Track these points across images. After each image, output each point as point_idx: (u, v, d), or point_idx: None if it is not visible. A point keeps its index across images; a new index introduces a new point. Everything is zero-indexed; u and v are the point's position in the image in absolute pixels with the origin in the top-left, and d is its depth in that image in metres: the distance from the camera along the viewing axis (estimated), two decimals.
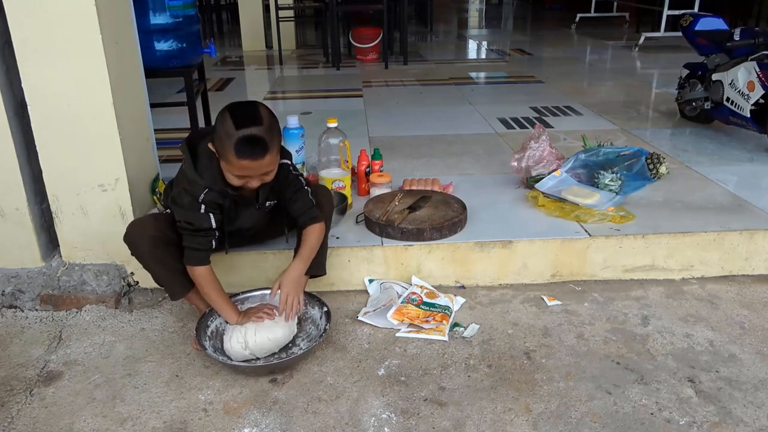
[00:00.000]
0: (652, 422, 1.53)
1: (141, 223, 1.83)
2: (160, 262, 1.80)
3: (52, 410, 1.62)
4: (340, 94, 4.81)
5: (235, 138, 1.57)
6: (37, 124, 1.92)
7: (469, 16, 12.44)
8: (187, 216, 1.72)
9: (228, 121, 1.59)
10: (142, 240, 1.78)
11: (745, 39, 3.04)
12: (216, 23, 10.01)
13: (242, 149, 1.58)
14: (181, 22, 2.90)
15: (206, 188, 1.70)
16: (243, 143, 1.58)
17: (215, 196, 1.73)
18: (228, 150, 1.59)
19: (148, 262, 1.82)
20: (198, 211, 1.72)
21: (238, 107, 1.65)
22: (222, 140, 1.60)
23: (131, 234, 1.80)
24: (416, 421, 1.55)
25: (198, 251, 1.75)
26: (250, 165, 1.62)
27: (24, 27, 1.82)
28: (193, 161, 1.71)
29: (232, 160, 1.60)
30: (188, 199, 1.71)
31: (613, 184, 2.41)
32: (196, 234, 1.73)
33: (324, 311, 1.86)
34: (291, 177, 1.85)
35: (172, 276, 1.83)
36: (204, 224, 1.73)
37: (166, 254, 1.79)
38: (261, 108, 1.66)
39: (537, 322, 1.97)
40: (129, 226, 1.82)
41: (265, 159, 1.62)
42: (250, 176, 1.67)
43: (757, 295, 2.11)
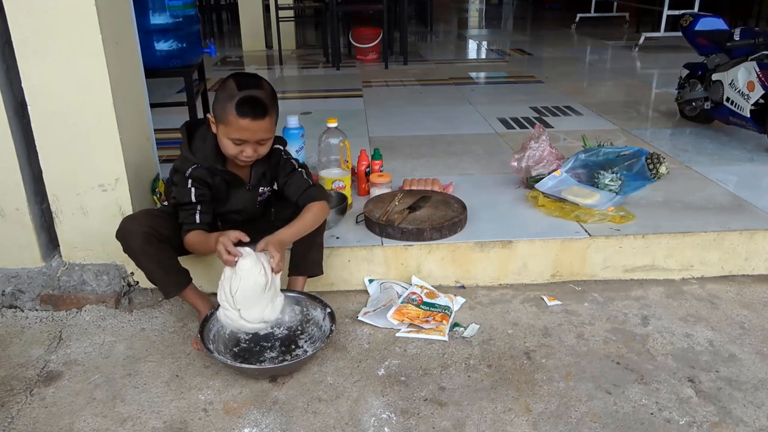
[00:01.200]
0: (652, 422, 1.53)
1: (133, 220, 1.83)
2: (152, 259, 1.80)
3: (52, 410, 1.62)
4: (340, 94, 4.81)
5: (238, 97, 1.65)
6: (37, 124, 1.92)
7: (469, 16, 12.44)
8: (176, 191, 1.80)
9: (231, 84, 1.69)
10: (134, 236, 1.77)
11: (745, 39, 3.04)
12: (216, 23, 10.01)
13: (243, 107, 1.65)
14: (181, 22, 2.91)
15: (195, 164, 1.76)
16: (244, 102, 1.65)
17: (203, 172, 1.78)
18: (228, 110, 1.66)
19: (140, 259, 1.81)
20: (185, 186, 1.77)
21: (241, 74, 1.74)
22: (223, 102, 1.68)
23: (123, 230, 1.80)
24: (416, 421, 1.55)
25: (186, 224, 1.79)
26: (249, 125, 1.67)
27: (24, 27, 1.82)
28: (189, 142, 1.80)
29: (231, 120, 1.66)
30: (178, 176, 1.79)
31: (613, 184, 2.41)
32: (181, 208, 1.79)
33: (327, 312, 1.85)
34: (283, 160, 1.89)
35: (165, 273, 1.83)
36: (185, 198, 1.77)
37: (158, 251, 1.79)
38: (263, 80, 1.76)
39: (537, 322, 1.97)
40: (121, 222, 1.82)
41: (263, 121, 1.69)
42: (246, 140, 1.70)
43: (757, 295, 2.11)
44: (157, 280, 1.86)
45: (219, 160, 1.80)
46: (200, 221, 1.79)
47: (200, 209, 1.79)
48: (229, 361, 1.71)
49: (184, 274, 1.89)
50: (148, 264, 1.82)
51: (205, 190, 1.80)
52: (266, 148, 1.78)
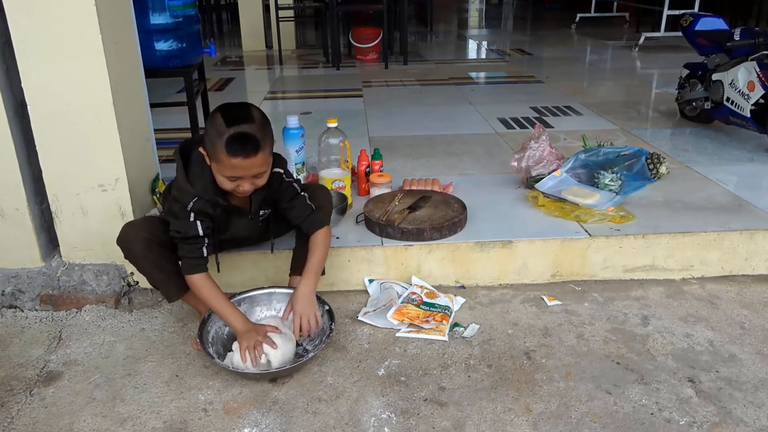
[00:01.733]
0: (652, 422, 1.53)
1: (134, 226, 1.82)
2: (154, 265, 1.79)
3: (52, 410, 1.62)
4: (340, 94, 4.81)
5: (226, 135, 1.56)
6: (37, 124, 1.92)
7: (469, 16, 12.44)
8: (177, 225, 1.72)
9: (219, 120, 1.59)
10: (135, 243, 1.76)
11: (745, 39, 3.04)
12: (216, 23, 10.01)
13: (233, 146, 1.56)
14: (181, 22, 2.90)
15: (195, 197, 1.69)
16: (234, 140, 1.56)
17: (205, 205, 1.71)
18: (219, 149, 1.58)
19: (142, 265, 1.81)
20: (186, 219, 1.70)
21: (228, 106, 1.65)
22: (213, 140, 1.59)
23: (124, 237, 1.79)
24: (416, 421, 1.55)
25: (191, 259, 1.73)
26: (242, 164, 1.59)
27: (24, 27, 1.82)
28: (185, 169, 1.71)
29: (223, 159, 1.58)
30: (178, 208, 1.71)
31: (613, 184, 2.41)
32: (185, 242, 1.72)
33: (326, 309, 1.85)
34: (284, 185, 1.83)
35: (167, 278, 1.82)
36: (191, 232, 1.71)
37: (159, 256, 1.78)
38: (252, 108, 1.66)
39: (537, 322, 1.97)
40: (122, 229, 1.81)
41: (257, 157, 1.61)
42: (242, 177, 1.64)
43: (757, 295, 2.11)
44: (159, 284, 1.85)
45: (219, 191, 1.72)
46: (206, 254, 1.76)
47: (206, 242, 1.75)
48: (231, 367, 1.70)
49: None
50: (150, 269, 1.81)
51: (209, 222, 1.75)
52: (264, 179, 1.70)
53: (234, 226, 1.87)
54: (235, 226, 1.87)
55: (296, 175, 2.52)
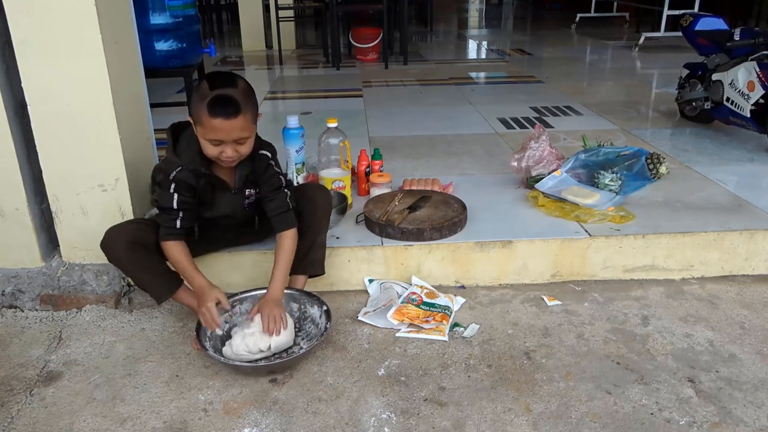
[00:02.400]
0: (652, 422, 1.53)
1: (116, 230, 1.83)
2: (138, 266, 1.81)
3: (52, 410, 1.62)
4: (340, 94, 4.81)
5: (209, 97, 1.62)
6: (37, 124, 1.92)
7: (469, 16, 12.44)
8: (158, 194, 1.78)
9: (203, 84, 1.66)
10: (117, 246, 1.79)
11: (745, 39, 3.04)
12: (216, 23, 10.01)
13: (215, 107, 1.62)
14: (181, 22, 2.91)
15: (180, 167, 1.74)
16: (216, 101, 1.62)
17: (188, 175, 1.75)
18: (201, 111, 1.63)
19: (127, 267, 1.84)
20: (167, 190, 1.75)
21: (215, 73, 1.73)
22: (196, 103, 1.65)
23: (106, 241, 1.81)
24: (416, 421, 1.55)
25: (165, 228, 1.79)
26: (222, 125, 1.64)
27: (24, 27, 1.82)
28: (174, 144, 1.78)
29: (205, 121, 1.64)
30: (161, 177, 1.76)
31: (613, 184, 2.41)
32: (162, 212, 1.78)
33: (324, 310, 1.86)
34: (270, 172, 1.85)
35: (153, 279, 1.84)
36: (166, 204, 1.76)
37: (144, 258, 1.80)
38: (238, 77, 1.72)
39: (537, 322, 1.97)
40: (105, 233, 1.82)
41: (237, 120, 1.65)
42: (224, 141, 1.67)
43: (757, 295, 2.11)
44: (146, 286, 1.87)
45: (204, 163, 1.77)
46: (180, 227, 1.78)
47: (182, 216, 1.78)
48: (222, 359, 1.71)
49: (174, 276, 1.87)
50: (134, 271, 1.83)
51: (188, 197, 1.77)
52: (247, 147, 1.73)
53: (219, 202, 1.88)
54: (220, 202, 1.88)
55: (296, 175, 2.53)
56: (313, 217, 1.96)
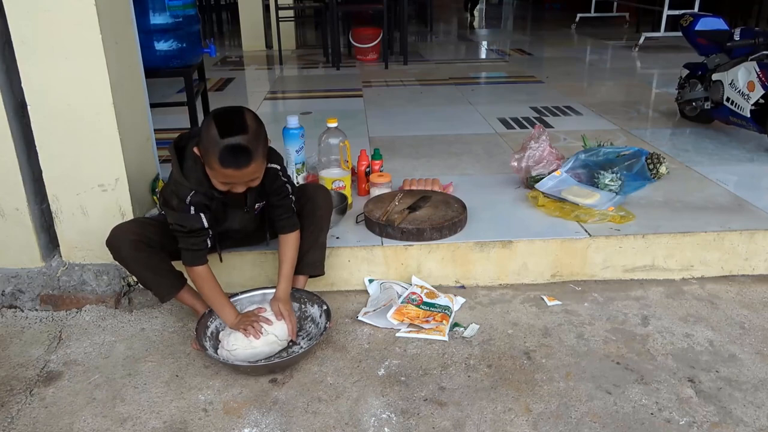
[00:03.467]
0: (652, 422, 1.53)
1: (122, 228, 1.83)
2: (143, 265, 1.81)
3: (52, 410, 1.62)
4: (340, 94, 4.81)
5: (220, 146, 1.55)
6: (37, 124, 1.92)
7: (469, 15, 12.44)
8: (178, 218, 1.72)
9: (213, 129, 1.57)
10: (123, 244, 1.79)
11: (745, 39, 3.04)
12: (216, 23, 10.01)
13: (226, 158, 1.56)
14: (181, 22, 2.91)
15: (192, 190, 1.69)
16: (227, 152, 1.56)
17: (202, 197, 1.71)
18: (212, 158, 1.57)
19: (131, 266, 1.83)
20: (188, 212, 1.71)
21: (223, 114, 1.62)
22: (206, 148, 1.59)
23: (112, 239, 1.81)
24: (416, 421, 1.55)
25: (194, 251, 1.75)
26: (234, 174, 1.60)
27: (24, 27, 1.82)
28: (180, 163, 1.70)
29: (216, 167, 1.59)
30: (176, 201, 1.70)
31: (613, 184, 2.41)
32: (190, 235, 1.73)
33: (324, 309, 1.86)
34: (278, 183, 1.83)
35: (158, 278, 1.84)
36: (196, 225, 1.72)
37: (149, 257, 1.80)
38: (247, 115, 1.63)
39: (537, 322, 1.97)
40: (111, 231, 1.82)
41: (249, 168, 1.60)
42: (235, 183, 1.65)
43: (757, 295, 2.11)
44: (150, 285, 1.87)
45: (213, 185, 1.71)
46: (209, 245, 1.78)
47: (209, 234, 1.77)
48: (221, 359, 1.71)
49: (178, 277, 1.88)
50: (139, 270, 1.83)
51: (209, 214, 1.76)
52: (257, 182, 1.70)
53: (230, 219, 1.88)
54: (231, 219, 1.88)
55: (296, 175, 2.53)
56: (313, 217, 1.96)
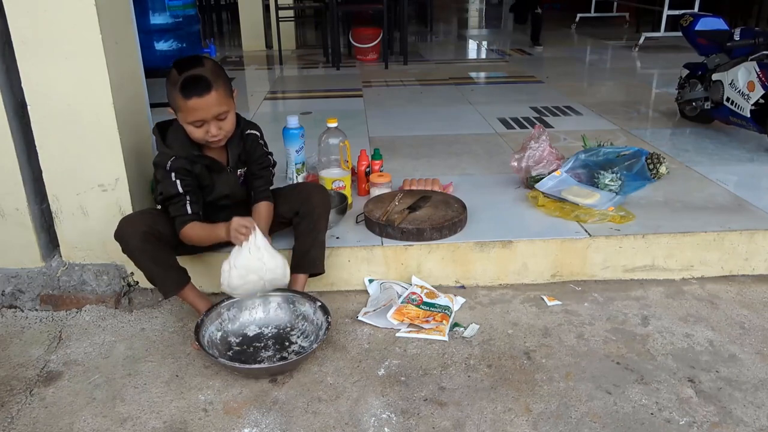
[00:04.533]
0: (652, 422, 1.53)
1: (131, 220, 1.85)
2: (150, 258, 1.82)
3: (52, 410, 1.62)
4: (340, 94, 4.81)
5: (180, 81, 1.69)
6: (37, 124, 1.92)
7: (469, 16, 12.44)
8: (161, 187, 1.81)
9: (172, 71, 1.72)
10: (132, 235, 1.79)
11: (745, 39, 3.04)
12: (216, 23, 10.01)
13: (187, 89, 1.69)
14: (181, 22, 2.91)
15: (174, 156, 1.79)
16: (186, 83, 1.69)
17: (183, 162, 1.79)
18: (177, 96, 1.70)
19: (139, 258, 1.83)
20: (168, 179, 1.79)
21: (181, 58, 1.77)
22: (171, 91, 1.72)
23: (121, 230, 1.82)
24: (416, 421, 1.55)
25: (179, 217, 1.81)
26: (198, 103, 1.70)
27: (24, 27, 1.82)
28: (163, 139, 1.83)
29: (182, 104, 1.71)
30: (160, 172, 1.80)
31: (613, 184, 2.41)
32: (170, 202, 1.80)
33: (318, 306, 1.86)
34: (260, 151, 1.95)
35: (164, 272, 1.85)
36: (171, 191, 1.79)
37: (156, 249, 1.81)
38: (204, 58, 1.78)
39: (537, 322, 1.97)
40: (119, 222, 1.83)
41: (210, 95, 1.70)
42: (204, 119, 1.73)
43: (757, 295, 2.11)
44: (156, 279, 1.87)
45: (195, 147, 1.83)
46: (192, 211, 1.81)
47: (189, 199, 1.81)
48: (229, 363, 1.71)
49: (183, 273, 1.89)
50: (147, 263, 1.83)
51: (190, 180, 1.82)
52: (230, 123, 1.80)
53: (218, 183, 1.91)
54: (219, 183, 1.91)
55: (296, 175, 2.53)
56: (311, 216, 1.96)
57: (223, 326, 1.85)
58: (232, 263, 1.75)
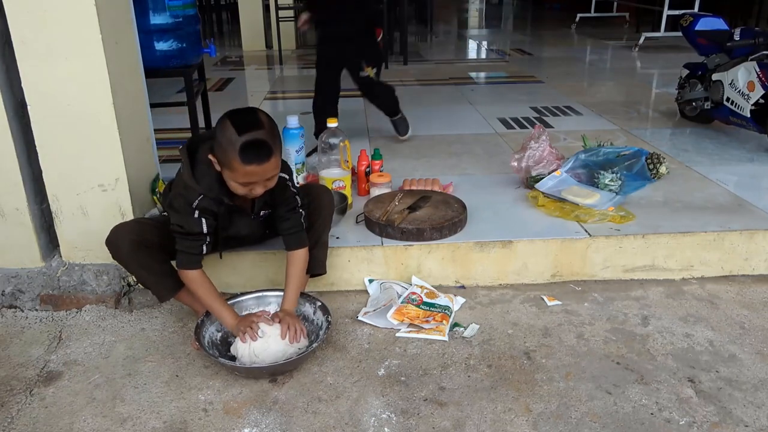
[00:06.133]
0: (652, 422, 1.53)
1: (122, 228, 1.84)
2: (142, 265, 1.82)
3: (52, 410, 1.62)
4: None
5: (239, 143, 1.55)
6: (37, 124, 1.92)
7: (469, 16, 12.44)
8: (180, 220, 1.72)
9: (230, 128, 1.57)
10: (122, 243, 1.79)
11: (745, 39, 3.04)
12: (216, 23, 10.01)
13: (247, 154, 1.56)
14: (181, 22, 2.90)
15: (201, 194, 1.69)
16: (248, 148, 1.56)
17: (210, 203, 1.71)
18: (232, 157, 1.57)
19: (131, 266, 1.84)
20: (191, 216, 1.71)
21: (238, 113, 1.64)
22: (224, 148, 1.58)
23: (112, 238, 1.82)
24: (416, 421, 1.55)
25: (188, 255, 1.74)
26: (256, 170, 1.59)
27: (24, 27, 1.82)
28: (191, 166, 1.70)
29: (237, 166, 1.58)
30: (182, 204, 1.71)
31: (613, 184, 2.41)
32: (187, 237, 1.73)
33: (318, 306, 1.86)
34: (288, 194, 1.83)
35: (156, 279, 1.85)
36: (195, 229, 1.72)
37: (148, 257, 1.81)
38: (260, 113, 1.66)
39: (537, 322, 1.97)
40: (111, 230, 1.83)
41: (270, 162, 1.60)
42: (255, 182, 1.64)
43: (757, 295, 2.11)
44: (150, 285, 1.88)
45: (223, 191, 1.71)
46: (205, 251, 1.77)
47: (208, 240, 1.76)
48: (222, 361, 1.71)
49: (178, 277, 1.87)
50: (138, 270, 1.84)
51: (212, 221, 1.75)
52: (274, 181, 1.70)
53: (236, 225, 1.88)
54: (236, 225, 1.88)
55: (296, 174, 2.53)
56: (318, 216, 1.97)
57: (222, 326, 1.85)
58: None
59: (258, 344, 1.71)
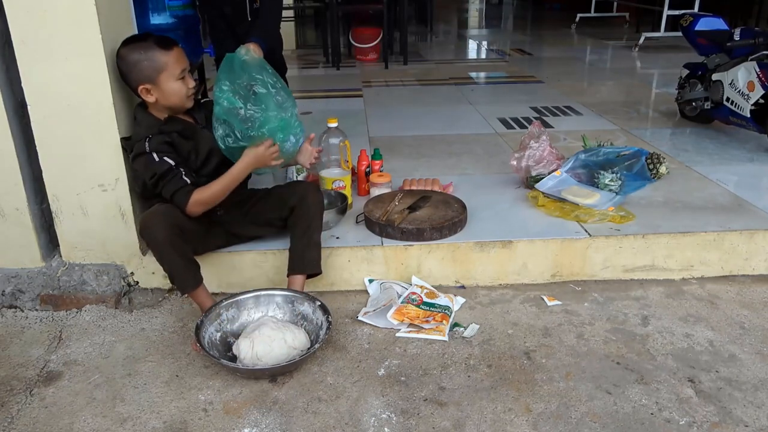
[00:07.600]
0: (652, 422, 1.53)
1: (156, 214, 1.79)
2: (177, 251, 1.79)
3: (52, 410, 1.62)
4: (340, 94, 4.81)
5: (151, 41, 1.78)
6: (37, 124, 1.92)
7: (469, 16, 12.43)
8: (149, 171, 1.81)
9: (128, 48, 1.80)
10: (160, 227, 1.76)
11: (745, 39, 3.04)
12: None
13: (162, 42, 1.79)
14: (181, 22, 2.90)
15: (146, 137, 1.81)
16: (158, 39, 1.79)
17: (158, 138, 1.82)
18: (156, 55, 1.77)
19: (165, 250, 1.78)
20: (153, 161, 1.81)
21: (127, 39, 1.85)
22: (147, 59, 1.78)
23: (148, 224, 1.78)
24: (416, 421, 1.55)
25: (178, 191, 1.81)
26: (178, 52, 1.81)
27: (24, 27, 1.82)
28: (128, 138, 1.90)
29: (165, 59, 1.78)
30: (140, 157, 1.81)
31: (613, 184, 2.41)
32: (164, 180, 1.81)
33: (317, 305, 1.86)
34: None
35: (187, 266, 1.84)
36: (163, 167, 1.80)
37: (182, 243, 1.81)
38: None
39: (537, 322, 1.97)
40: (143, 218, 1.81)
41: (180, 48, 1.83)
42: (186, 68, 1.82)
43: (757, 295, 2.11)
44: (178, 272, 1.83)
45: (161, 121, 1.87)
46: (189, 181, 1.82)
47: (183, 171, 1.82)
48: (222, 361, 1.71)
49: (199, 271, 1.88)
50: (171, 255, 1.79)
51: (174, 155, 1.84)
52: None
53: (199, 145, 1.93)
54: (199, 144, 1.93)
55: (296, 175, 2.53)
56: (306, 216, 1.97)
57: (222, 327, 1.85)
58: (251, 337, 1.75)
59: (261, 348, 1.71)
